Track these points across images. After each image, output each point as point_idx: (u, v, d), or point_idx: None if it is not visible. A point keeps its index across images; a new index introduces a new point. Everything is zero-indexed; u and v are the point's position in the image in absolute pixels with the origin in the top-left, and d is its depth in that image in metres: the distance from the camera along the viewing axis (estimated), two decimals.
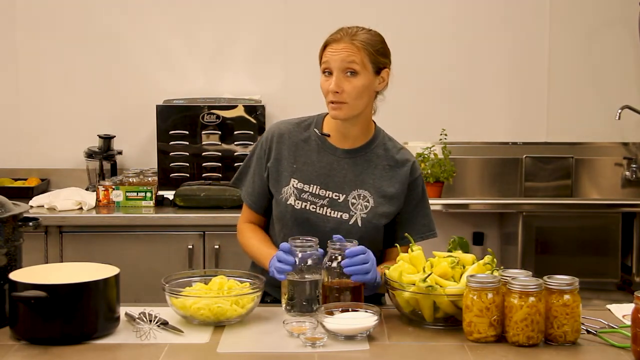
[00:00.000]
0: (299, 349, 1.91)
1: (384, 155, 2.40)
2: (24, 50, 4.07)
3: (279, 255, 2.14)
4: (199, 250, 3.48)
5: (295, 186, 2.34)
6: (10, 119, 4.09)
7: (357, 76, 2.27)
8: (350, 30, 2.30)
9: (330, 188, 2.34)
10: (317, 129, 2.40)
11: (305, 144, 2.39)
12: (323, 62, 2.30)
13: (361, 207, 2.33)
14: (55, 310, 1.91)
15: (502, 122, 4.15)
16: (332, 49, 2.28)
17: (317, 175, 2.35)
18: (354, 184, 2.35)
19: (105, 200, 3.65)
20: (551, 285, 1.94)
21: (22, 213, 2.14)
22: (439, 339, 1.99)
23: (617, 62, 4.13)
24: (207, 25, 4.08)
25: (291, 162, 2.37)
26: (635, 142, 4.14)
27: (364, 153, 2.38)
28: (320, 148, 2.38)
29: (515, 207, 3.72)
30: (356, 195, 2.34)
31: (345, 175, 2.35)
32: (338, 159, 2.37)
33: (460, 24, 4.12)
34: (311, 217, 2.32)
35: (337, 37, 2.29)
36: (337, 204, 2.33)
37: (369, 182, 2.36)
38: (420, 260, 2.14)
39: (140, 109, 4.01)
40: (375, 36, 2.31)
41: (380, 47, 2.32)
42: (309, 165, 2.36)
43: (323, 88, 2.31)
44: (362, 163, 2.37)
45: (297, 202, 2.33)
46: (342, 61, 2.26)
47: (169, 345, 1.93)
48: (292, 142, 2.39)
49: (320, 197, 2.34)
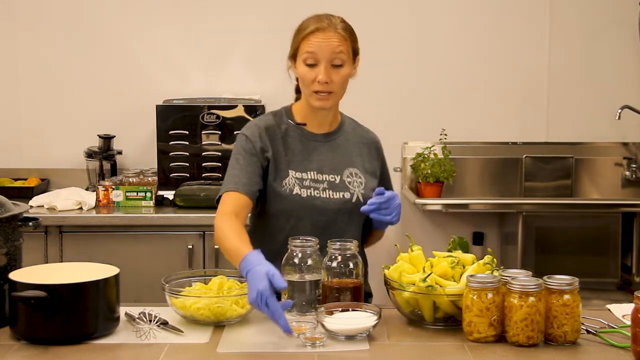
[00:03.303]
0: (299, 349, 1.91)
1: (355, 134, 2.48)
2: (24, 50, 4.07)
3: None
4: (199, 250, 3.48)
5: (295, 176, 2.35)
6: (10, 119, 4.09)
7: (343, 66, 2.30)
8: (331, 18, 2.30)
9: (324, 172, 2.38)
10: (290, 120, 2.41)
11: (287, 136, 2.39)
12: (306, 52, 2.28)
13: (357, 183, 2.40)
14: (55, 310, 1.91)
15: (502, 122, 4.15)
16: (318, 39, 2.26)
17: (308, 162, 2.38)
18: (344, 164, 2.41)
19: (105, 200, 3.65)
20: (551, 285, 1.94)
21: (22, 213, 2.14)
22: (439, 339, 1.99)
23: (617, 62, 4.13)
24: (207, 25, 4.08)
25: (283, 154, 2.37)
26: (635, 142, 4.13)
27: (340, 134, 2.45)
28: (301, 137, 2.40)
29: (515, 207, 3.72)
30: (349, 173, 2.40)
31: (333, 157, 2.40)
32: (320, 143, 2.41)
33: (460, 24, 4.12)
34: (317, 202, 2.35)
35: (323, 26, 2.27)
36: (335, 185, 2.37)
37: (355, 160, 2.43)
38: (420, 260, 2.14)
39: (140, 109, 4.00)
40: (348, 23, 2.34)
41: (354, 34, 2.36)
42: (298, 155, 2.38)
43: (307, 78, 2.29)
44: (343, 143, 2.44)
45: (303, 190, 2.34)
46: (331, 52, 2.27)
47: (169, 345, 1.93)
48: (277, 135, 2.39)
49: (319, 182, 2.37)
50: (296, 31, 2.35)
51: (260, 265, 1.95)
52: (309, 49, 2.28)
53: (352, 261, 2.13)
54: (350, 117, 2.54)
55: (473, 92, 4.14)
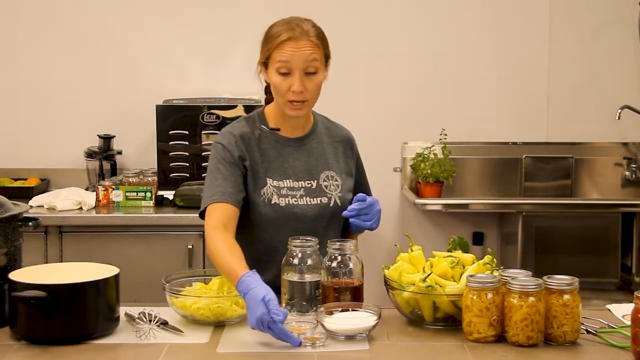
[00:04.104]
0: (299, 349, 1.91)
1: (329, 134, 2.46)
2: (24, 50, 4.07)
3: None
4: (199, 250, 3.48)
5: (272, 184, 2.33)
6: (10, 118, 4.08)
7: (317, 74, 2.28)
8: (302, 25, 2.26)
9: (300, 178, 2.36)
10: (263, 125, 2.39)
11: (260, 142, 2.37)
12: (279, 61, 2.24)
13: (334, 187, 2.39)
14: (55, 310, 1.91)
15: (502, 122, 4.15)
16: (291, 48, 2.23)
17: (284, 169, 2.36)
18: (319, 168, 2.39)
19: (105, 200, 3.65)
20: (551, 285, 1.94)
21: (22, 213, 2.14)
22: (438, 339, 1.99)
23: (617, 62, 4.13)
24: (207, 25, 4.08)
25: (259, 161, 2.34)
26: (635, 142, 4.13)
27: (314, 137, 2.43)
28: (275, 143, 2.38)
29: (515, 207, 3.72)
30: (325, 177, 2.39)
31: (307, 162, 2.38)
32: (295, 148, 2.39)
33: (460, 24, 4.11)
34: (296, 209, 2.33)
35: (296, 35, 2.24)
36: (312, 191, 2.36)
37: (330, 162, 2.41)
38: (420, 260, 2.14)
39: (140, 109, 4.00)
40: (319, 28, 2.31)
41: (326, 38, 2.33)
42: (274, 162, 2.36)
43: (281, 87, 2.26)
44: (317, 146, 2.42)
45: (281, 199, 2.33)
46: (304, 61, 2.24)
47: (169, 345, 1.93)
48: (252, 142, 2.35)
49: (296, 189, 2.35)
50: (266, 37, 2.32)
51: (257, 288, 1.95)
52: (282, 58, 2.24)
53: (351, 261, 2.13)
54: (322, 115, 2.51)
55: (473, 92, 4.14)
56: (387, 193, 4.03)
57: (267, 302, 1.90)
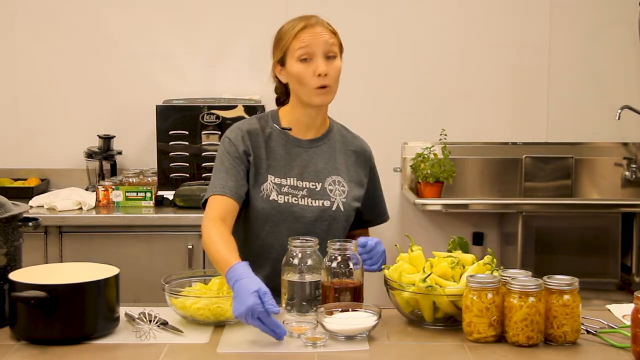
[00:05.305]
0: (299, 349, 1.91)
1: (344, 142, 2.45)
2: (23, 50, 4.07)
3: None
4: (199, 250, 3.48)
5: (273, 181, 2.34)
6: (10, 119, 4.09)
7: (336, 59, 2.31)
8: (315, 16, 2.32)
9: (305, 179, 2.36)
10: (275, 124, 2.40)
11: (270, 140, 2.38)
12: (299, 48, 2.26)
13: (339, 192, 2.38)
14: (55, 310, 1.91)
15: (502, 122, 4.15)
16: (309, 34, 2.27)
17: (290, 168, 2.36)
18: (327, 171, 2.38)
19: (105, 201, 3.65)
20: (551, 286, 1.94)
21: (22, 213, 2.14)
22: (438, 339, 1.99)
23: (617, 62, 4.13)
24: (207, 25, 4.08)
25: (264, 158, 2.35)
26: (635, 142, 4.13)
27: (327, 141, 2.42)
28: (285, 142, 2.38)
29: (515, 207, 3.72)
30: (331, 181, 2.38)
31: (316, 164, 2.38)
32: (305, 149, 2.39)
33: (460, 24, 4.12)
34: (295, 209, 2.33)
35: (312, 22, 2.29)
36: (315, 193, 2.35)
37: (340, 167, 2.40)
38: (420, 260, 2.14)
39: (140, 109, 4.00)
40: None
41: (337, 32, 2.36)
42: (280, 160, 2.36)
43: (304, 75, 2.27)
44: (328, 150, 2.41)
45: (280, 197, 2.33)
46: (325, 44, 2.27)
47: (169, 345, 1.93)
48: (260, 138, 2.37)
49: (299, 189, 2.35)
50: (279, 35, 2.34)
51: (248, 279, 1.94)
52: (302, 44, 2.27)
53: (352, 261, 2.13)
54: (341, 124, 2.50)
55: (473, 92, 4.14)
56: (387, 193, 3.97)
57: (262, 295, 1.89)
